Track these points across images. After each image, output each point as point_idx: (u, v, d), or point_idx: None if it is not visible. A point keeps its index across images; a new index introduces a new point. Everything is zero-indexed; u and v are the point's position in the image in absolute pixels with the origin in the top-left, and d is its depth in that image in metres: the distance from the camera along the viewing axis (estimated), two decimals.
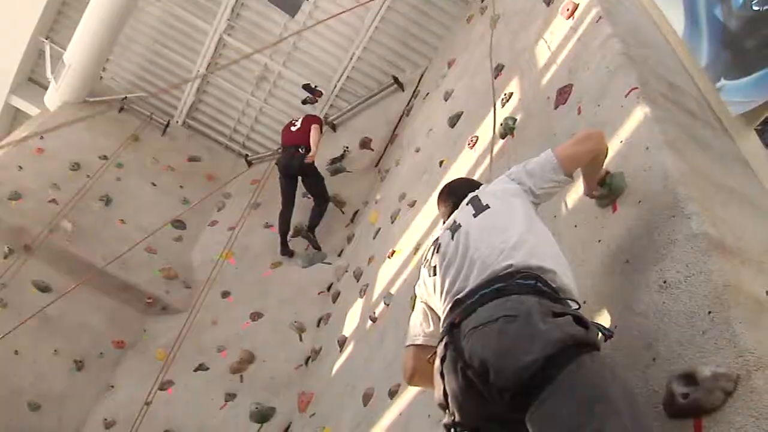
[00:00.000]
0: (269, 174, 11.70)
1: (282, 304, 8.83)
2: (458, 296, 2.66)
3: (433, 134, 8.09)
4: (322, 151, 10.32)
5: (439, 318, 2.82)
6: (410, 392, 4.43)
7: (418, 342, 3.02)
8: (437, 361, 2.62)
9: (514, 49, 6.38)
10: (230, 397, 7.65)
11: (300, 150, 9.76)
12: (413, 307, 3.18)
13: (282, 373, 7.76)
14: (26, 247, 9.43)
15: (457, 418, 2.50)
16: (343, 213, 10.27)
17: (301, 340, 8.12)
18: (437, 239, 3.04)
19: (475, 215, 2.90)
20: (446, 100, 8.26)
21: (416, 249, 6.15)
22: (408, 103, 11.06)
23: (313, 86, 11.04)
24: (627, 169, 3.17)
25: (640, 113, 3.35)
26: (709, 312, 2.28)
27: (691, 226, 2.58)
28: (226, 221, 10.92)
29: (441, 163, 6.87)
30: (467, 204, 3.01)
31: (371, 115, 11.72)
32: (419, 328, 3.04)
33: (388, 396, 4.75)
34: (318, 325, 8.24)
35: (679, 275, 2.50)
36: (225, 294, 9.36)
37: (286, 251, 9.84)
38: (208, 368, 8.18)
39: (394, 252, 6.89)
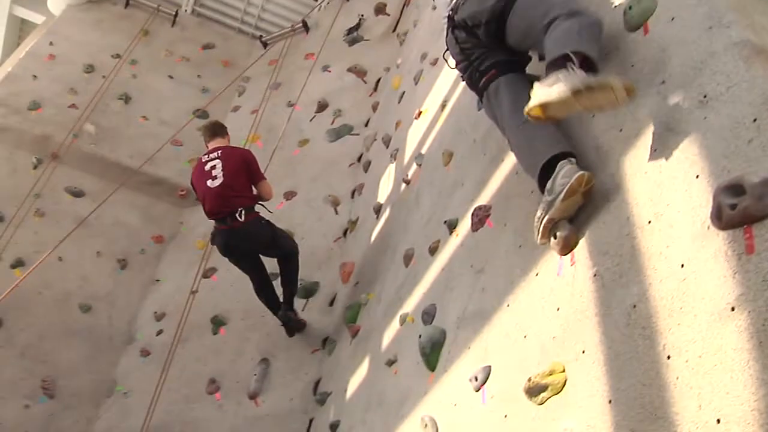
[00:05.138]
0: (286, 52, 11.51)
1: (314, 180, 8.78)
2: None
3: None
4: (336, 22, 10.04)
5: None
6: (451, 247, 4.39)
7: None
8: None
9: None
10: (273, 276, 7.69)
11: (239, 216, 6.13)
12: None
13: (321, 248, 7.78)
14: (53, 155, 9.46)
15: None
16: (365, 83, 10.05)
17: (336, 213, 8.09)
18: None
19: None
20: None
21: (443, 106, 6.01)
22: None
23: None
24: None
25: None
26: (755, 120, 2.14)
27: (730, 35, 2.41)
28: (248, 105, 10.81)
29: None
30: None
31: None
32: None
33: (429, 253, 4.72)
34: (352, 197, 8.21)
35: (720, 87, 2.35)
36: None
37: (291, 326, 6.77)
38: None
39: (421, 113, 6.77)
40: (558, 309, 2.77)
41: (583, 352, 2.50)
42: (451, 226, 4.47)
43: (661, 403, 2.03)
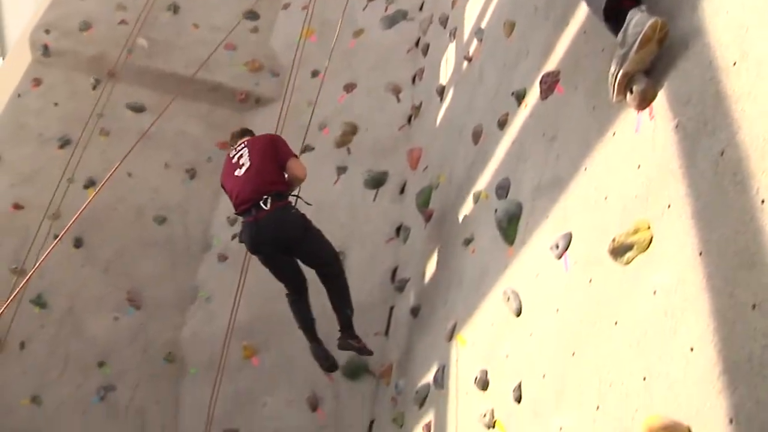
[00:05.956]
0: None
1: (372, 70, 8.65)
2: None
3: None
4: None
5: None
6: (520, 118, 4.28)
7: None
8: None
9: None
10: (341, 170, 7.68)
11: (264, 204, 5.30)
12: None
13: (387, 137, 7.72)
14: (110, 73, 9.47)
15: None
16: None
17: (398, 100, 7.99)
18: None
19: None
20: None
21: None
22: None
23: None
24: None
25: None
26: None
27: None
28: (299, 1, 10.59)
29: None
30: None
31: None
32: None
33: (498, 127, 4.61)
34: (413, 82, 8.08)
35: None
36: (314, 73, 9.21)
37: (328, 359, 5.90)
38: (313, 148, 8.17)
39: None
40: (639, 166, 2.67)
41: (669, 206, 2.40)
42: (519, 96, 4.35)
43: (757, 248, 1.94)
